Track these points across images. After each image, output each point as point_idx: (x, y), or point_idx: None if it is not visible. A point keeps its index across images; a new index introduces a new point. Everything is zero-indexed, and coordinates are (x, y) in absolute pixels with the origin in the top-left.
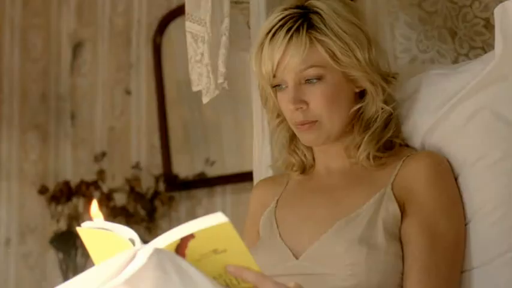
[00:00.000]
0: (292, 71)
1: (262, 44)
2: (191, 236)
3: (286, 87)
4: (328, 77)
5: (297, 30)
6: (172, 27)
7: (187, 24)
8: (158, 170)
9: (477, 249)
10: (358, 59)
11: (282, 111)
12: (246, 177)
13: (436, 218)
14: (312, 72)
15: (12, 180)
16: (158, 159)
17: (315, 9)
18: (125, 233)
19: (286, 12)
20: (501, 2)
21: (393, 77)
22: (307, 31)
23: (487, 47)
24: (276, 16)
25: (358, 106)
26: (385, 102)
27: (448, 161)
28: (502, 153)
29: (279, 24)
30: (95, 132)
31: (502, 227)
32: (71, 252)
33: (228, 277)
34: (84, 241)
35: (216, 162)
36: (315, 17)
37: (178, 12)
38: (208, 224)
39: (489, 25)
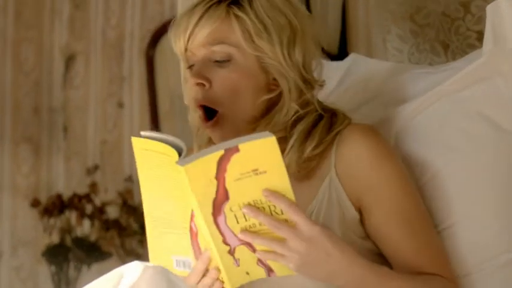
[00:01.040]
0: (201, 43)
1: (181, 18)
2: (236, 150)
3: (196, 61)
4: (239, 59)
5: (218, 2)
6: (165, 40)
7: None
8: None
9: (470, 253)
10: (274, 47)
11: None
12: None
13: (399, 200)
14: (221, 49)
15: (4, 193)
16: None
17: None
18: (175, 143)
19: None
20: None
21: (319, 85)
22: (227, 5)
23: None
24: None
25: (266, 97)
26: (301, 106)
27: (422, 165)
28: (487, 155)
29: None
30: (87, 145)
31: (494, 230)
32: (63, 265)
33: (262, 204)
34: (135, 152)
35: None
36: None
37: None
38: (255, 138)
39: (482, 38)
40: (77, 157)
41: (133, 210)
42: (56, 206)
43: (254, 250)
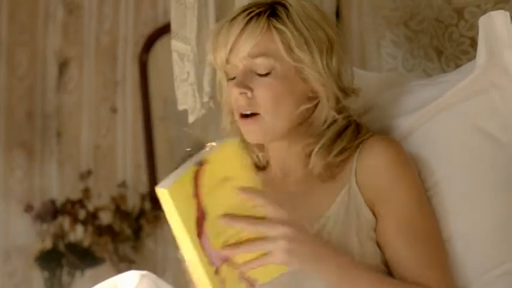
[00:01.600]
0: (243, 55)
1: (220, 29)
2: (205, 162)
3: (238, 71)
4: (280, 70)
5: (258, 15)
6: (159, 45)
7: (173, 42)
8: (144, 188)
9: (469, 264)
10: (313, 58)
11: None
12: None
13: (412, 212)
14: (263, 62)
15: None
16: (144, 178)
17: (283, 1)
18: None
19: (253, 2)
20: None
21: (353, 92)
22: (267, 18)
23: None
24: (242, 6)
25: (306, 106)
26: (338, 112)
27: (422, 165)
28: (484, 166)
29: (241, 9)
30: (80, 150)
31: (492, 240)
32: (56, 270)
33: (236, 212)
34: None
35: None
36: (279, 8)
37: (165, 30)
38: (219, 146)
39: (475, 44)
40: (70, 162)
41: (126, 216)
42: (49, 212)
43: (235, 266)
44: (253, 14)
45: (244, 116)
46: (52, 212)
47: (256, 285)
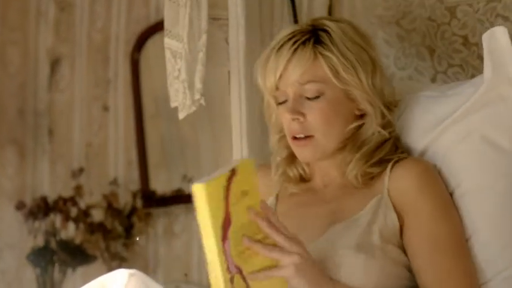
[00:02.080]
0: (293, 83)
1: (268, 57)
2: (234, 172)
3: (288, 101)
4: (328, 93)
5: (303, 43)
6: (150, 43)
7: (166, 40)
8: (136, 186)
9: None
10: (360, 79)
11: (283, 127)
12: None
13: (437, 223)
14: (312, 87)
15: None
16: (136, 175)
17: (324, 27)
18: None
19: (297, 28)
20: (479, 20)
21: (395, 106)
22: (313, 45)
23: (465, 64)
24: (286, 31)
25: (355, 124)
26: (384, 127)
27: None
28: (491, 176)
29: (287, 38)
30: (72, 148)
31: (496, 247)
32: (48, 268)
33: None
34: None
35: (193, 178)
36: (322, 34)
37: (157, 28)
38: (243, 161)
39: (467, 43)
40: (62, 160)
41: (118, 213)
42: (40, 209)
43: (245, 278)
44: (299, 42)
45: (296, 138)
46: (44, 209)
47: None
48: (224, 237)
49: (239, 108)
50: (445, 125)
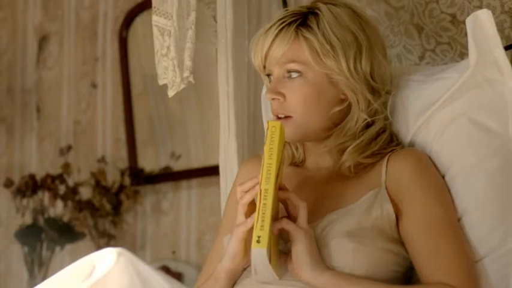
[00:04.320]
0: (276, 62)
1: (258, 38)
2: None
3: (273, 78)
4: (309, 76)
5: (288, 25)
6: (139, 21)
7: (154, 18)
8: (124, 163)
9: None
10: (340, 64)
11: None
12: (211, 171)
13: (430, 208)
14: (293, 67)
15: None
16: (124, 153)
17: (316, 10)
18: None
19: (289, 11)
20: None
21: (387, 93)
22: (296, 27)
23: (453, 42)
24: (280, 14)
25: (337, 109)
26: (370, 114)
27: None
28: (479, 157)
29: (277, 19)
30: (60, 126)
31: (487, 226)
32: (36, 245)
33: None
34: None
35: (181, 156)
36: (311, 17)
37: (145, 6)
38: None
39: (455, 21)
40: (50, 137)
41: (106, 191)
42: (28, 187)
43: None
44: (285, 24)
45: (279, 118)
46: (32, 187)
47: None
48: (277, 178)
49: (226, 85)
50: (432, 111)
